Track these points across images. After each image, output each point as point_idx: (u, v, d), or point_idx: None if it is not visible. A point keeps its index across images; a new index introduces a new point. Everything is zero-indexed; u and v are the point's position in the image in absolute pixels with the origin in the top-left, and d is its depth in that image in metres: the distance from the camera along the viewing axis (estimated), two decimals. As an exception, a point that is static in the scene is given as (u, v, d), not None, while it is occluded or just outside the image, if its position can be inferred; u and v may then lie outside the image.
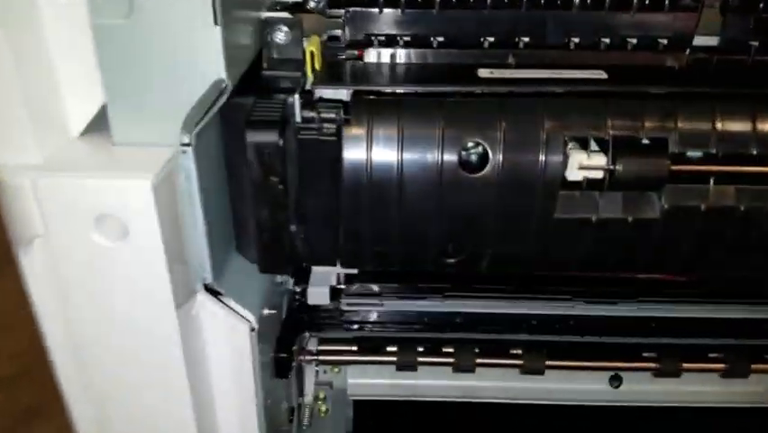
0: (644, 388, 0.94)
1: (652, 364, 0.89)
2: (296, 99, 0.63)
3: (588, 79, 0.66)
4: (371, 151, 0.63)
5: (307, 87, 0.66)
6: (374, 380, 0.96)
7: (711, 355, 0.89)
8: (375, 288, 0.91)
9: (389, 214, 0.65)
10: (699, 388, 0.93)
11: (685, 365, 0.88)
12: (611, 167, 0.61)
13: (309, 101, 0.64)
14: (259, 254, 0.67)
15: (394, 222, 0.65)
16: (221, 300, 0.64)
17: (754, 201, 0.62)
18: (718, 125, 0.61)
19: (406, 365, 0.90)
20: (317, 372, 0.98)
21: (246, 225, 0.68)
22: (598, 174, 0.62)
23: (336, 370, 0.98)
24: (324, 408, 0.99)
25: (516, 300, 0.91)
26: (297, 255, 0.70)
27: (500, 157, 0.62)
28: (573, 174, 0.62)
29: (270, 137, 0.60)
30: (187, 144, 0.53)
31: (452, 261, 0.68)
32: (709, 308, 0.89)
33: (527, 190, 0.63)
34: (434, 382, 0.95)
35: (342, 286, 0.89)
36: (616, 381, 0.94)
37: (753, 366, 0.87)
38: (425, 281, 0.91)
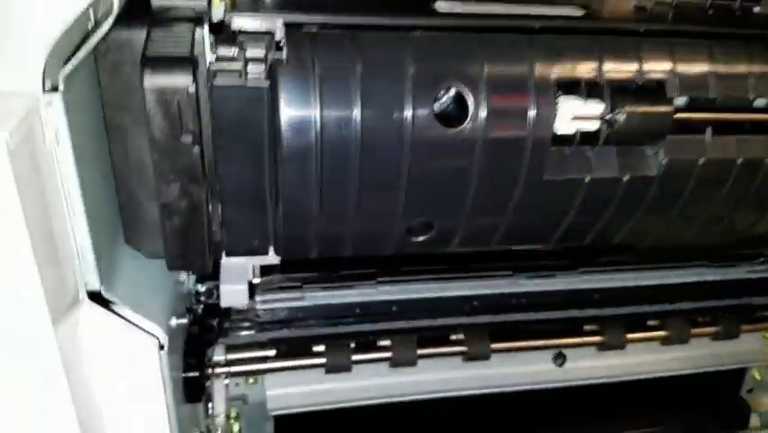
0: (588, 363, 0.89)
1: (596, 338, 0.84)
2: (205, 31, 0.47)
3: (565, 16, 0.56)
4: (319, 101, 0.48)
5: (217, 17, 0.49)
6: (298, 388, 0.80)
7: (652, 324, 0.85)
8: (295, 279, 0.75)
9: (345, 184, 0.50)
10: (644, 358, 0.89)
11: (629, 336, 0.84)
12: (609, 116, 0.52)
13: (226, 34, 0.48)
14: (168, 245, 0.50)
15: (351, 195, 0.51)
16: (114, 312, 0.48)
17: (756, 151, 0.55)
18: (718, 68, 0.54)
19: (336, 367, 0.76)
20: (227, 384, 0.80)
21: (141, 207, 0.52)
22: (592, 126, 0.52)
23: (251, 381, 0.81)
24: (236, 427, 0.82)
25: (455, 281, 0.82)
26: (215, 245, 0.53)
27: (483, 106, 0.49)
28: (564, 126, 0.52)
29: (180, 79, 0.44)
30: (54, 89, 0.39)
31: (419, 239, 0.55)
32: (653, 274, 0.86)
33: (514, 147, 0.51)
34: (370, 382, 0.82)
35: (259, 280, 0.72)
36: (560, 358, 0.88)
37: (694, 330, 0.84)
38: (351, 267, 0.77)
